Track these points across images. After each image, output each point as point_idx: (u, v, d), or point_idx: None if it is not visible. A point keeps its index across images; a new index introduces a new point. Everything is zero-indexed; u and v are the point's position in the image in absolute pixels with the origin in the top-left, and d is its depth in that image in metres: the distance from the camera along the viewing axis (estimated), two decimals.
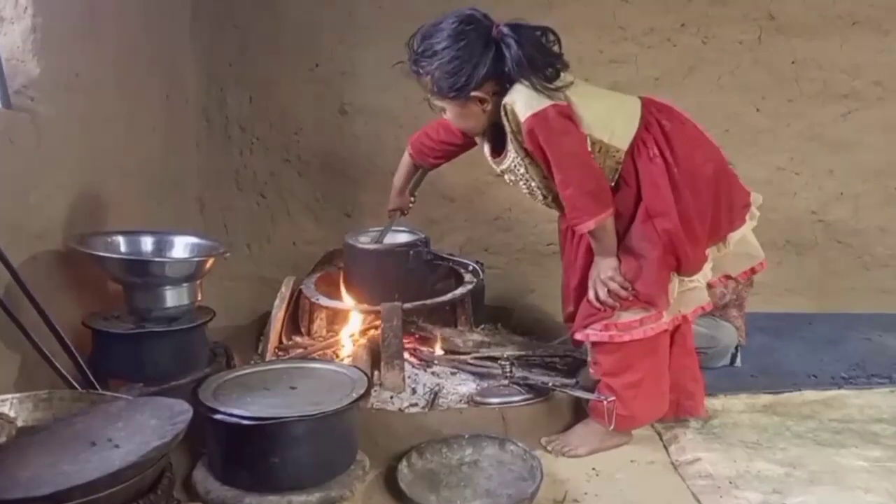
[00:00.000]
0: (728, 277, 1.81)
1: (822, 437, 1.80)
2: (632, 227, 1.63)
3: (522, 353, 2.09)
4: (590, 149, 1.58)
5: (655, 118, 1.62)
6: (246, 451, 1.43)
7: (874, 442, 1.77)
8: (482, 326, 2.37)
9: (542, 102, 1.52)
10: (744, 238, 1.73)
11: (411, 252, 2.04)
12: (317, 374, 1.66)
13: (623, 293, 1.63)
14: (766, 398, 2.03)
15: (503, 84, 1.55)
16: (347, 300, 2.16)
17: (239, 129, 2.75)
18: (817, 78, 2.68)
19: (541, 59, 1.53)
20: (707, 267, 1.70)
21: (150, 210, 2.25)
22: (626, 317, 1.66)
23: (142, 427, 1.17)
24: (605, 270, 1.64)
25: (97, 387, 1.51)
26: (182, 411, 1.19)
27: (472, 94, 1.55)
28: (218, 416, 1.42)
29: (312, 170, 2.77)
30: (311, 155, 2.76)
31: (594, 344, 1.73)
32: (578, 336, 1.73)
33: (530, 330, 2.38)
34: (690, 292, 1.70)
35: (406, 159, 2.04)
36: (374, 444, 1.63)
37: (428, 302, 2.07)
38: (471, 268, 2.24)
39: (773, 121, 2.70)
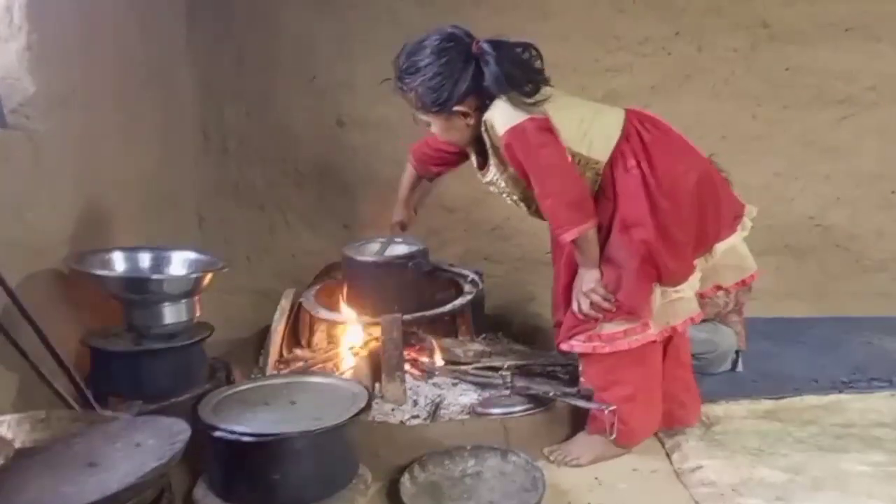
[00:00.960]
0: (719, 288, 1.80)
1: (824, 443, 1.80)
2: (610, 237, 1.64)
3: (523, 362, 2.09)
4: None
5: (636, 129, 1.63)
6: (247, 467, 1.42)
7: (876, 446, 1.77)
8: (483, 336, 2.37)
9: (519, 117, 1.55)
10: (734, 249, 1.72)
11: (411, 264, 2.04)
12: (317, 388, 1.65)
13: (605, 305, 1.64)
14: (767, 404, 2.03)
15: (484, 99, 1.59)
16: (347, 312, 2.16)
17: (237, 141, 2.76)
18: (812, 84, 2.70)
19: (519, 74, 1.56)
20: (694, 277, 1.69)
21: (148, 224, 2.24)
22: (610, 328, 1.66)
23: (140, 447, 1.16)
24: (588, 282, 1.65)
25: (95, 406, 1.50)
26: (180, 431, 1.18)
27: (455, 108, 1.59)
28: (218, 433, 1.41)
29: (310, 181, 2.77)
30: (309, 167, 2.77)
31: (581, 355, 1.73)
32: (563, 347, 1.74)
33: (531, 338, 2.38)
34: (678, 303, 1.68)
35: (408, 169, 2.06)
36: (376, 458, 1.63)
37: (428, 313, 2.07)
38: (470, 278, 2.23)
39: (769, 127, 2.72)
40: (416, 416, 1.88)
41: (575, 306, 1.68)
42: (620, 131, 1.62)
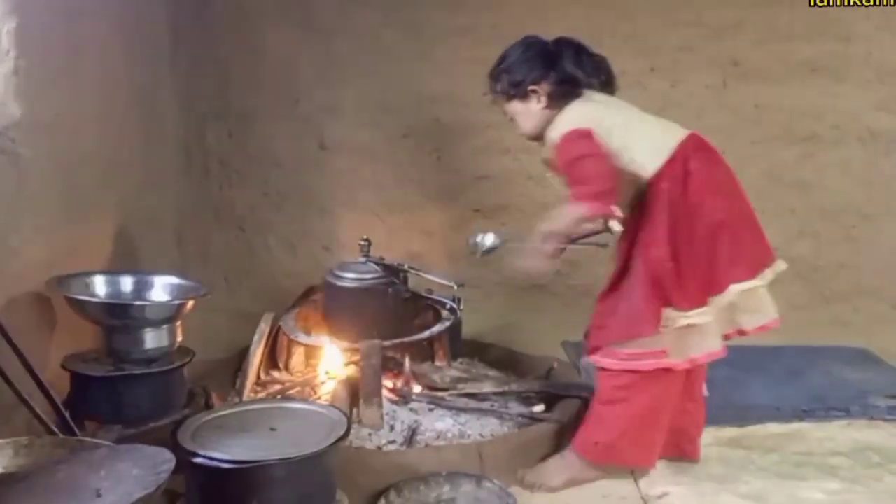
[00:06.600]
0: (741, 332, 1.76)
1: (785, 471, 1.88)
2: (632, 258, 1.71)
3: (499, 389, 2.13)
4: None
5: (685, 155, 1.68)
6: (226, 494, 1.43)
7: (832, 474, 1.86)
8: (459, 361, 2.40)
9: (568, 125, 1.70)
10: (754, 293, 1.71)
11: (390, 290, 2.07)
12: (296, 414, 1.66)
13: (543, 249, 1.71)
14: (731, 431, 2.09)
15: (557, 91, 1.76)
16: (326, 337, 2.18)
17: (218, 163, 2.77)
18: (779, 121, 2.79)
19: (589, 70, 1.79)
20: (708, 309, 1.68)
21: (127, 245, 2.24)
22: (631, 347, 1.70)
23: (124, 477, 1.17)
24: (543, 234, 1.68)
25: (75, 430, 1.50)
26: (164, 461, 1.20)
27: (529, 88, 1.76)
28: (198, 460, 1.42)
29: (291, 204, 2.79)
30: (290, 189, 2.78)
31: (598, 368, 1.77)
32: (590, 358, 1.79)
33: (507, 364, 2.42)
34: (694, 334, 1.67)
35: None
36: (353, 483, 1.64)
37: (406, 339, 2.10)
38: (448, 306, 2.27)
39: (738, 161, 2.74)
40: (393, 442, 1.91)
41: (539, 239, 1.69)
42: (670, 152, 1.68)
